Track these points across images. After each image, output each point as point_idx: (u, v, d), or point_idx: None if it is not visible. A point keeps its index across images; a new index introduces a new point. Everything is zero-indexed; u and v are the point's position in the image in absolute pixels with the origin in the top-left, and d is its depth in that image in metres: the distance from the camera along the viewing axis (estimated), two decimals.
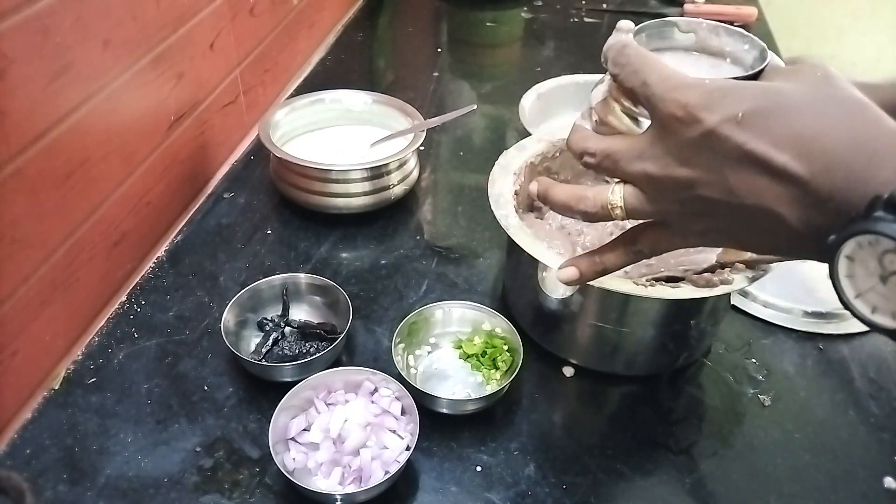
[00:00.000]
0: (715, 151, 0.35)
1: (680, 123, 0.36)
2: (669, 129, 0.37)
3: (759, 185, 0.35)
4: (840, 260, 0.33)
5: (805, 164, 0.33)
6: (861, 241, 0.32)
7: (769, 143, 0.34)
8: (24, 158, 0.55)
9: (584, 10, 1.39)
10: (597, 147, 0.41)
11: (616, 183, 0.41)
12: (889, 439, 0.59)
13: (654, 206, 0.40)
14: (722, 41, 0.43)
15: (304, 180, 0.77)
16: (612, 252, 0.45)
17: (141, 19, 0.67)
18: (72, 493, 0.53)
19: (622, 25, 0.42)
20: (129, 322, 0.67)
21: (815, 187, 0.33)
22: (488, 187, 0.63)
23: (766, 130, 0.34)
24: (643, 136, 0.39)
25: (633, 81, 0.38)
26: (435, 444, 0.57)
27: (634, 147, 0.39)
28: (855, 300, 0.33)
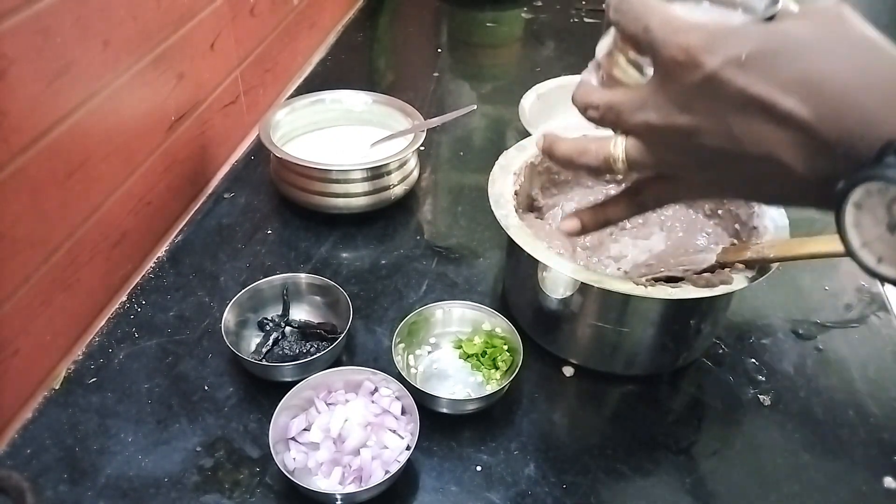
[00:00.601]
0: (717, 97, 0.34)
1: (681, 68, 0.35)
2: (671, 75, 0.36)
3: (763, 132, 0.33)
4: (847, 208, 0.32)
5: (812, 107, 0.31)
6: (870, 188, 0.30)
7: (774, 86, 0.32)
8: (25, 158, 0.55)
9: (584, 11, 1.39)
10: (600, 100, 0.40)
11: (618, 135, 0.40)
12: (889, 439, 0.59)
13: (655, 159, 0.39)
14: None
15: (304, 180, 0.77)
16: (615, 205, 0.44)
17: (141, 19, 0.67)
18: (72, 492, 0.53)
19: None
20: (129, 322, 0.67)
21: (823, 132, 0.32)
22: (488, 187, 0.63)
23: (771, 73, 0.32)
24: (646, 85, 0.38)
25: (634, 28, 0.37)
26: (435, 443, 0.57)
27: (637, 97, 0.38)
28: (861, 249, 0.32)
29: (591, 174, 0.43)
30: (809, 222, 0.83)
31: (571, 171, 0.45)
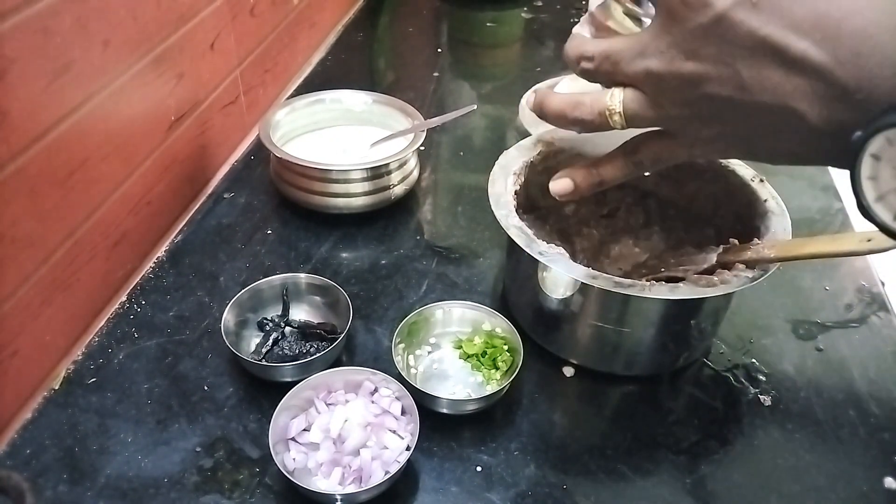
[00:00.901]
0: (726, 40, 0.31)
1: (687, 8, 0.32)
2: (676, 17, 0.33)
3: (775, 78, 0.31)
4: (864, 159, 0.29)
5: (829, 50, 0.29)
6: (891, 135, 0.28)
7: (788, 26, 0.29)
8: (25, 158, 0.55)
9: (584, 10, 1.38)
10: (595, 49, 0.37)
11: (616, 87, 0.37)
12: (889, 439, 0.59)
13: (656, 111, 0.36)
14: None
15: (304, 180, 0.77)
16: (610, 163, 0.40)
17: (141, 19, 0.67)
18: (72, 493, 0.53)
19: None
20: (129, 322, 0.67)
21: (841, 77, 0.29)
22: (488, 187, 0.63)
23: (785, 13, 0.30)
24: (646, 30, 0.35)
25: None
26: (435, 444, 0.57)
27: (636, 43, 0.35)
28: (875, 203, 0.30)
29: (585, 129, 0.38)
30: (810, 222, 0.83)
31: (563, 127, 0.40)
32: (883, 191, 0.29)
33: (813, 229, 0.81)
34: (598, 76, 0.37)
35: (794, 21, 0.29)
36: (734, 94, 0.32)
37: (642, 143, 0.39)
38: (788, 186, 0.88)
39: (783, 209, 0.62)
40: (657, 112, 0.36)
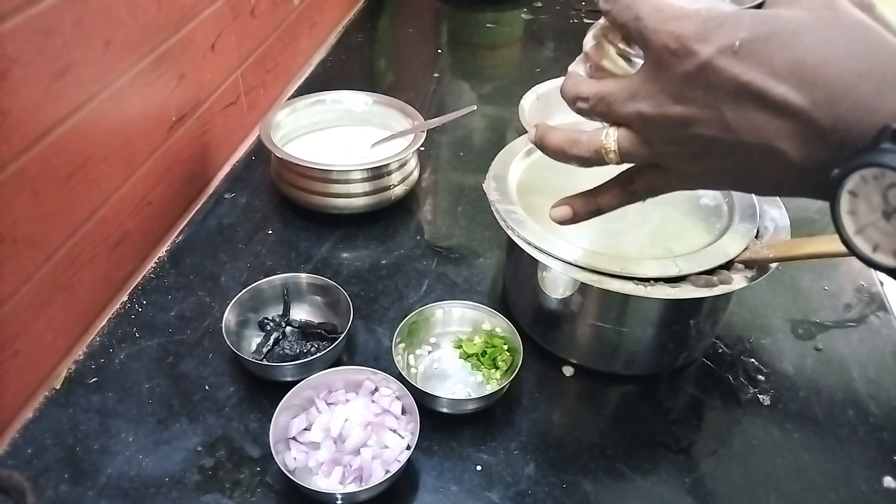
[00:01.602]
0: (711, 85, 0.33)
1: (674, 57, 0.34)
2: (663, 64, 0.35)
3: (757, 120, 0.33)
4: (843, 195, 0.31)
5: (807, 94, 0.31)
6: (866, 174, 0.30)
7: (767, 73, 0.32)
8: (26, 158, 0.55)
9: (583, 11, 1.39)
10: (590, 91, 0.39)
11: (610, 126, 0.39)
12: (888, 439, 0.59)
13: (648, 149, 0.38)
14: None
15: (305, 181, 0.77)
16: (608, 192, 0.43)
17: (142, 20, 0.67)
18: (73, 492, 0.53)
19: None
20: (130, 322, 0.67)
21: (818, 119, 0.31)
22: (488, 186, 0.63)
23: (765, 60, 0.32)
24: (636, 74, 0.37)
25: (625, 16, 0.36)
26: (435, 443, 0.57)
27: (628, 87, 0.37)
28: (855, 237, 0.32)
29: (582, 165, 0.41)
30: (809, 222, 0.83)
31: (563, 162, 0.42)
32: (861, 224, 0.32)
33: (812, 229, 0.81)
34: (593, 115, 0.40)
35: (774, 67, 0.32)
36: (720, 134, 0.34)
37: (638, 174, 0.41)
38: None
39: (782, 209, 0.62)
40: (649, 150, 0.38)
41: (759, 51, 0.32)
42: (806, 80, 0.31)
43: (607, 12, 0.38)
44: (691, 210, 0.63)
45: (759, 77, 0.32)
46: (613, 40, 0.39)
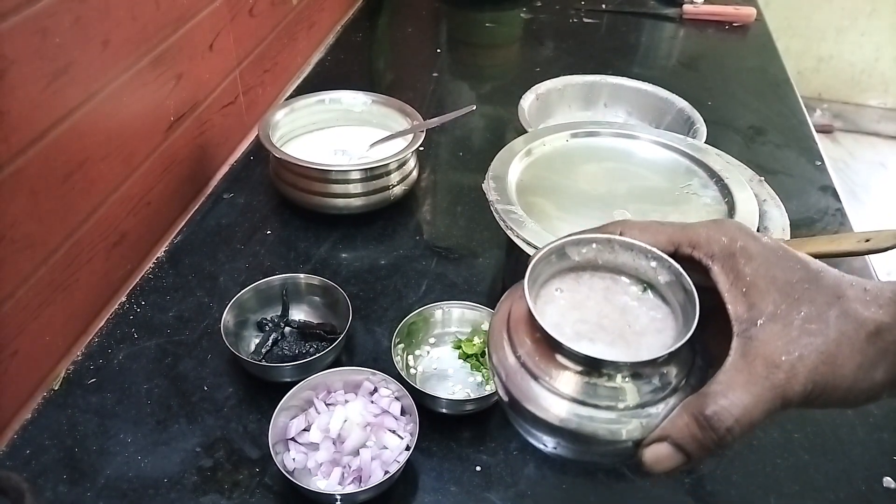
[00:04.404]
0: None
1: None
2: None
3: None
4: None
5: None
6: None
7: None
8: (24, 159, 0.55)
9: (583, 11, 1.39)
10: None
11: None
12: (888, 439, 0.59)
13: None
14: (617, 256, 0.36)
15: (303, 181, 0.77)
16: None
17: (140, 20, 0.67)
18: (72, 493, 0.53)
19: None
20: (128, 322, 0.67)
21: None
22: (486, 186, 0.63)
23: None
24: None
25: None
26: (434, 444, 0.57)
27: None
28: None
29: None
30: (809, 222, 0.83)
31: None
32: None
33: (811, 229, 0.81)
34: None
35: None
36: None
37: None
38: (787, 187, 0.88)
39: (782, 209, 0.62)
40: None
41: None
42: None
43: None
44: (692, 209, 0.63)
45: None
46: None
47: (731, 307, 0.32)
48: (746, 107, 1.09)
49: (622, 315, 0.35)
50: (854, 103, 2.74)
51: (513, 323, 0.35)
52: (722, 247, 0.33)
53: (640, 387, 0.32)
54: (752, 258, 0.32)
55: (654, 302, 0.35)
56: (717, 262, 0.33)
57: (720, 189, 0.66)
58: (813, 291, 0.32)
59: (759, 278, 0.32)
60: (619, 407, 0.32)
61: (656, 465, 0.32)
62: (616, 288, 0.36)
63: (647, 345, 0.33)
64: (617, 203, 0.65)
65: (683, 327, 0.33)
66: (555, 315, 0.35)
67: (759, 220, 0.61)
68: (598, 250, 0.36)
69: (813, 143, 1.01)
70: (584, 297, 0.36)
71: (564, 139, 0.74)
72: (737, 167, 0.66)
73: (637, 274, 0.36)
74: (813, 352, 0.30)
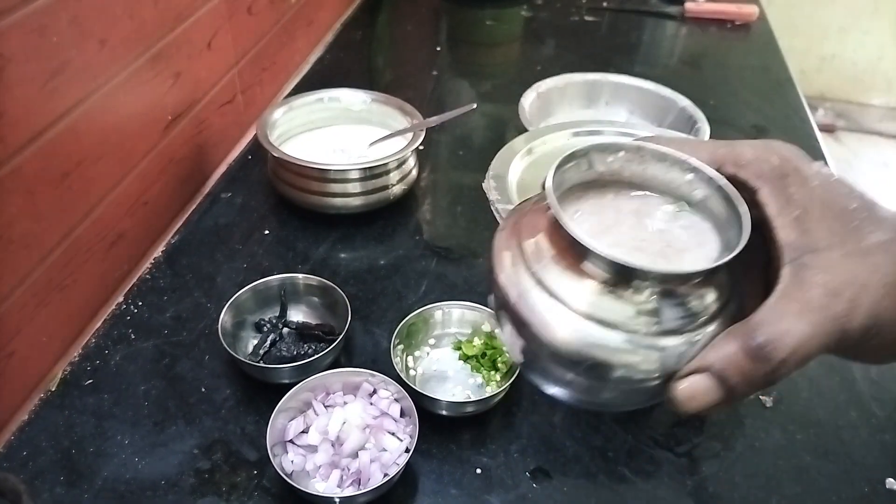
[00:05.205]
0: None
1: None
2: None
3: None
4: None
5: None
6: None
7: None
8: (21, 158, 0.54)
9: (584, 9, 1.38)
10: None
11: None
12: (891, 440, 0.59)
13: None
14: (647, 168, 0.32)
15: (302, 180, 0.77)
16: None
17: (138, 18, 0.67)
18: (69, 495, 0.52)
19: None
20: (125, 323, 0.66)
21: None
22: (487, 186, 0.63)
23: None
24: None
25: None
26: (434, 446, 0.57)
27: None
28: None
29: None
30: None
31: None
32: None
33: None
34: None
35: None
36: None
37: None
38: None
39: None
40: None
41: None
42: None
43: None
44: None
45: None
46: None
47: (781, 233, 0.29)
48: (749, 106, 1.09)
49: (660, 236, 0.31)
50: (857, 102, 2.73)
51: (525, 235, 0.31)
52: (773, 167, 0.30)
53: (674, 309, 0.28)
54: (805, 182, 0.30)
55: (693, 219, 0.31)
56: (767, 184, 0.30)
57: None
58: (871, 221, 0.29)
59: (815, 203, 0.29)
60: (651, 331, 0.28)
61: (690, 402, 0.29)
62: (647, 209, 0.32)
63: (689, 260, 0.30)
64: None
65: (727, 246, 0.29)
66: (582, 234, 0.30)
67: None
68: (626, 159, 0.32)
69: (816, 142, 1.01)
70: (612, 220, 0.32)
71: (566, 138, 0.73)
72: None
73: (669, 190, 0.32)
74: (877, 283, 0.28)
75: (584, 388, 0.30)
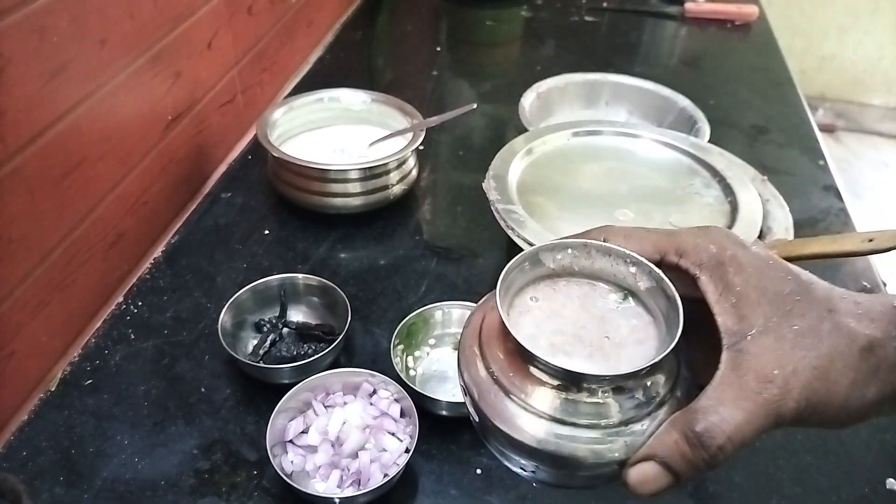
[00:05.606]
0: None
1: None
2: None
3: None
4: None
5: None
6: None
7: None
8: (22, 158, 0.54)
9: (584, 9, 1.38)
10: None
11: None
12: (891, 440, 0.59)
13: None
14: (595, 262, 0.34)
15: (302, 180, 0.77)
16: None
17: (138, 18, 0.67)
18: (68, 495, 0.52)
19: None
20: (125, 323, 0.66)
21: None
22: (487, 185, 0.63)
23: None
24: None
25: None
26: (434, 446, 0.57)
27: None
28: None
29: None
30: (812, 222, 0.83)
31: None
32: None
33: (814, 229, 0.81)
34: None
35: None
36: None
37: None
38: (790, 186, 0.88)
39: (785, 209, 0.61)
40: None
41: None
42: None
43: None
44: (694, 209, 0.63)
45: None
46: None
47: (720, 319, 0.31)
48: (749, 106, 1.09)
49: (601, 325, 0.33)
50: (857, 102, 2.73)
51: (485, 336, 0.33)
52: (710, 255, 0.32)
53: (623, 402, 0.29)
54: (741, 268, 0.31)
55: (635, 310, 0.34)
56: (706, 272, 0.32)
57: (723, 188, 0.66)
58: (804, 304, 0.30)
59: (750, 289, 0.31)
60: (602, 424, 0.29)
61: (642, 487, 0.30)
62: (594, 295, 0.34)
63: (627, 357, 0.31)
64: (618, 203, 0.64)
65: (667, 336, 0.31)
66: (530, 326, 0.33)
67: (762, 220, 0.60)
68: (573, 256, 0.34)
69: (815, 142, 1.01)
70: (560, 305, 0.34)
71: (566, 138, 0.73)
72: (739, 166, 0.66)
73: (616, 281, 0.34)
74: (807, 367, 0.29)
75: (551, 475, 0.32)
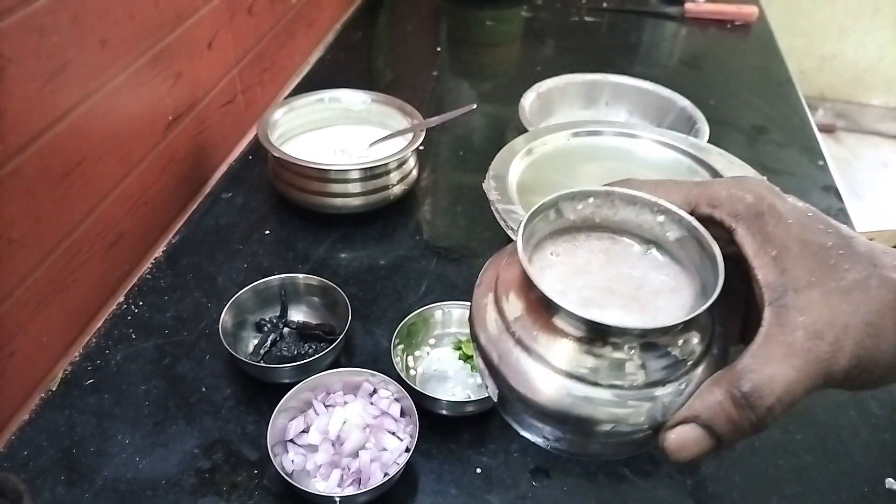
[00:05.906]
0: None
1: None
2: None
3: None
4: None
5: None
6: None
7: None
8: (22, 158, 0.54)
9: (584, 10, 1.38)
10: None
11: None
12: (891, 440, 0.59)
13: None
14: (618, 212, 0.32)
15: (302, 180, 0.77)
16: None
17: (139, 18, 0.67)
18: (69, 494, 0.52)
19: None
20: (126, 323, 0.66)
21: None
22: (487, 186, 0.63)
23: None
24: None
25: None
26: (434, 445, 0.57)
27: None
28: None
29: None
30: None
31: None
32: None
33: None
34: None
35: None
36: None
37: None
38: (789, 186, 0.88)
39: None
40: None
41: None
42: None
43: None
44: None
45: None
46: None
47: (760, 273, 0.28)
48: (749, 106, 1.09)
49: (630, 275, 0.31)
50: (857, 102, 2.73)
51: (501, 291, 0.30)
52: (747, 206, 0.30)
53: (656, 360, 0.27)
54: (781, 219, 0.29)
55: (663, 261, 0.31)
56: (743, 223, 0.29)
57: None
58: (848, 258, 0.28)
59: (791, 241, 0.29)
60: (635, 383, 0.27)
61: (681, 452, 0.28)
62: (617, 249, 0.32)
63: (663, 307, 0.29)
64: None
65: (702, 288, 0.29)
66: (555, 281, 0.30)
67: None
68: (595, 205, 0.32)
69: (815, 142, 1.01)
70: (584, 261, 0.31)
71: (565, 138, 0.73)
72: (739, 166, 0.66)
73: (640, 232, 0.32)
74: (858, 322, 0.27)
75: (572, 443, 0.30)
